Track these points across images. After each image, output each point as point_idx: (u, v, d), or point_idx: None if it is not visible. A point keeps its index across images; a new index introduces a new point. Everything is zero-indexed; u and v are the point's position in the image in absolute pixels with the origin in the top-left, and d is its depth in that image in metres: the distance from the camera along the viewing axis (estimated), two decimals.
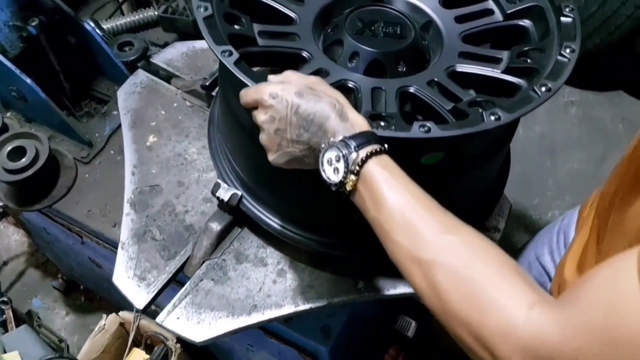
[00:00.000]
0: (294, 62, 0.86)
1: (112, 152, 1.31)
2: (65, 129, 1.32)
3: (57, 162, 1.27)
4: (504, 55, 0.88)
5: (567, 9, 0.86)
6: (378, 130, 0.69)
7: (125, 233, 1.01)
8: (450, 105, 0.80)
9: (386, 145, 0.64)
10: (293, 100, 0.65)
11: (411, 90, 0.83)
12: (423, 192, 0.62)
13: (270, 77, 0.72)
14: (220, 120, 1.02)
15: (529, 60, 0.85)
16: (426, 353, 1.57)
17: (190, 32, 1.68)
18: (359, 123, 0.65)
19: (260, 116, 0.68)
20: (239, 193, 0.95)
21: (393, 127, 0.71)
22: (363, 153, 0.62)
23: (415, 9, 0.96)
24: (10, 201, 1.26)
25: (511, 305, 0.52)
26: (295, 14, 0.91)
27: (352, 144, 0.62)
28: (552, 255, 1.01)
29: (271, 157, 0.69)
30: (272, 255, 0.98)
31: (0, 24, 1.25)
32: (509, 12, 0.92)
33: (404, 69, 0.88)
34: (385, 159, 0.63)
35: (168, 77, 1.30)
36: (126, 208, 1.05)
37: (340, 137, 0.63)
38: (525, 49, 0.86)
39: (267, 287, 0.94)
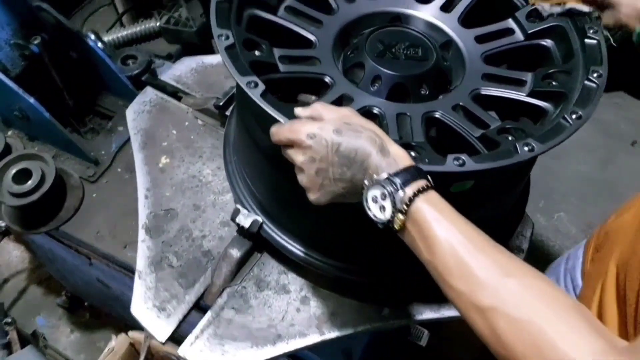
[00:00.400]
0: (317, 87, 0.84)
1: (119, 169, 1.28)
2: (70, 147, 1.28)
3: (64, 183, 1.23)
4: (528, 77, 0.86)
5: (591, 31, 0.85)
6: None
7: (141, 262, 0.99)
8: (479, 132, 0.78)
9: (431, 180, 0.62)
10: (333, 139, 0.63)
11: (437, 115, 0.81)
12: (475, 229, 0.60)
13: (298, 110, 0.69)
14: (237, 143, 0.99)
15: (554, 83, 0.84)
16: None
17: (194, 42, 1.64)
18: (401, 157, 0.63)
19: (298, 157, 0.66)
20: (260, 219, 0.93)
21: (427, 160, 0.70)
22: (410, 191, 0.60)
23: (435, 28, 0.95)
24: (14, 224, 1.22)
25: (576, 355, 0.50)
26: (314, 37, 0.89)
27: (398, 181, 0.60)
28: None
29: (312, 196, 0.67)
30: (294, 282, 0.97)
31: (1, 42, 1.22)
32: (530, 31, 0.91)
33: (427, 92, 0.86)
34: (433, 195, 0.61)
35: (174, 92, 1.27)
36: (141, 234, 1.03)
37: (385, 175, 0.61)
38: (550, 71, 0.85)
39: (291, 315, 0.93)
